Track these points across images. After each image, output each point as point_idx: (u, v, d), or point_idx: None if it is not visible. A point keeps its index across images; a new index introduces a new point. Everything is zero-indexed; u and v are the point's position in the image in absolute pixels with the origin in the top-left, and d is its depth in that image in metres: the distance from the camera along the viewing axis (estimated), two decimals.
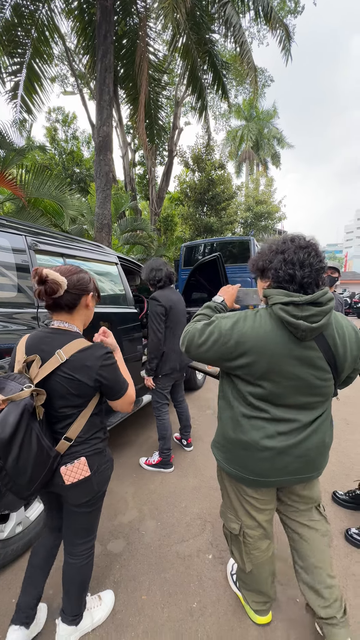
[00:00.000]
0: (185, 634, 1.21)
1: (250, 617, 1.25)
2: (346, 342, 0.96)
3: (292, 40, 5.88)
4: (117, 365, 1.05)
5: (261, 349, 0.93)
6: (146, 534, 1.73)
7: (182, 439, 2.71)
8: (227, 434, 1.08)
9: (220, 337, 0.98)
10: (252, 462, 1.03)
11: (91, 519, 1.14)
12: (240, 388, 1.03)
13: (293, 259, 0.92)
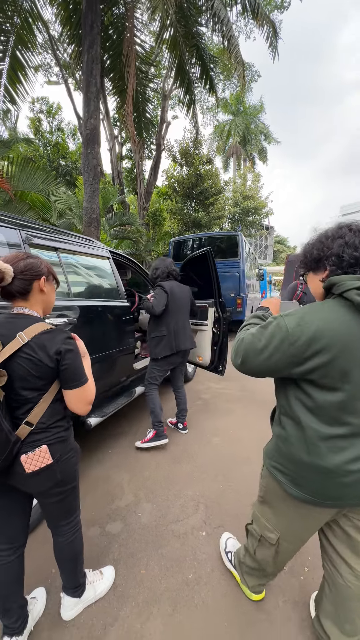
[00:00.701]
0: (182, 602, 1.31)
1: (246, 595, 1.32)
2: None
3: (278, 37, 5.94)
4: (78, 353, 1.04)
5: (338, 343, 0.80)
6: (142, 515, 1.81)
7: (177, 423, 2.88)
8: (297, 457, 0.91)
9: (287, 337, 0.84)
10: (331, 488, 0.87)
11: (66, 504, 1.14)
12: (314, 397, 0.86)
13: (355, 242, 0.86)
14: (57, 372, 1.00)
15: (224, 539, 1.56)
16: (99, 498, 1.96)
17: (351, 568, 0.96)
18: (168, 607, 1.29)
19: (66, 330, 1.05)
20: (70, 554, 1.20)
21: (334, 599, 1.02)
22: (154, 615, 1.26)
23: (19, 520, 1.11)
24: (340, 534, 0.97)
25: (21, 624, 1.12)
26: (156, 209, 11.87)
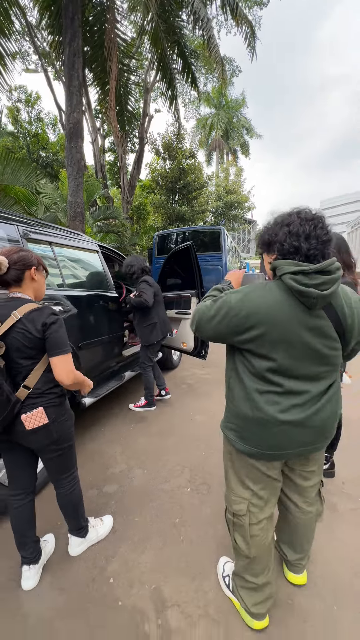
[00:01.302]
0: (170, 538, 1.58)
1: (247, 624, 1.17)
2: (354, 313, 0.98)
3: (256, 37, 6.15)
4: (61, 326, 1.21)
5: (272, 319, 0.93)
6: (135, 479, 2.07)
7: (160, 391, 3.34)
8: (241, 412, 1.06)
9: (231, 310, 0.97)
10: (269, 438, 1.01)
11: (64, 460, 1.34)
12: (253, 362, 1.01)
13: (298, 231, 0.92)
14: (43, 341, 1.18)
15: (221, 564, 1.41)
16: (95, 467, 2.19)
17: (298, 507, 1.21)
18: (159, 543, 1.55)
19: (46, 307, 1.23)
20: (71, 503, 1.43)
21: (287, 529, 1.29)
22: (147, 549, 1.52)
23: (27, 472, 1.34)
24: (290, 484, 1.20)
25: (36, 556, 1.36)
26: (140, 202, 11.92)
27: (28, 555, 1.34)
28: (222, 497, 1.76)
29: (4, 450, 1.28)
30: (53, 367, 1.21)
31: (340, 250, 1.79)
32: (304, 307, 0.92)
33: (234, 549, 1.19)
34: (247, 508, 1.11)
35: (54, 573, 1.40)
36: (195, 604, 1.26)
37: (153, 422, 2.90)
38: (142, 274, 2.98)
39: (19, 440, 1.23)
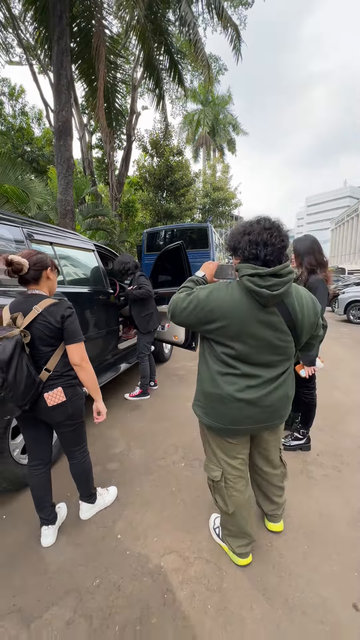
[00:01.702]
0: (168, 503, 1.81)
1: (233, 560, 1.41)
2: (304, 310, 1.14)
3: (242, 40, 6.34)
4: (76, 318, 1.42)
5: (231, 314, 1.09)
6: (134, 457, 2.29)
7: (150, 381, 3.57)
8: (205, 390, 1.25)
9: (199, 304, 1.14)
10: (227, 413, 1.19)
11: (77, 434, 1.56)
12: (216, 349, 1.18)
13: (257, 239, 1.06)
14: (61, 331, 1.38)
15: (212, 519, 1.64)
16: (97, 448, 2.39)
17: (264, 471, 1.45)
18: (158, 507, 1.78)
19: (63, 301, 1.42)
20: (83, 472, 1.64)
21: (258, 488, 1.54)
22: (148, 512, 1.75)
23: (45, 446, 1.55)
24: (256, 453, 1.43)
25: (53, 517, 1.58)
26: (129, 199, 11.99)
27: (46, 516, 1.54)
28: None
29: (28, 426, 1.48)
30: (69, 352, 1.42)
31: (314, 251, 2.04)
32: (259, 304, 1.07)
33: (217, 506, 1.40)
34: (222, 474, 1.32)
35: (69, 534, 1.61)
36: (191, 550, 1.49)
37: (148, 409, 3.12)
38: (135, 269, 3.23)
39: (41, 416, 1.43)
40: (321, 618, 1.18)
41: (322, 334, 1.31)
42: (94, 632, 1.15)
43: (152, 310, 3.26)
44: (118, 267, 3.24)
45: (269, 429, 1.28)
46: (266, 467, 1.45)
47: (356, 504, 1.78)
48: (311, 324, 1.17)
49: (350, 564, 1.41)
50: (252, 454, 1.44)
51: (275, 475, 1.47)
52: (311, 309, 1.16)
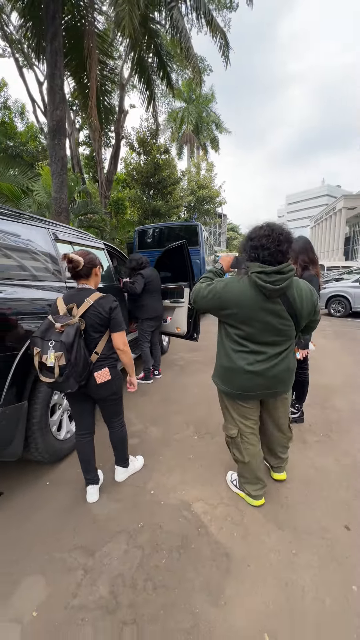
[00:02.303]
0: (189, 467, 2.12)
1: (249, 502, 1.73)
2: (303, 300, 1.39)
3: (229, 47, 6.64)
4: (120, 310, 1.66)
5: (242, 303, 1.36)
6: (152, 433, 2.58)
7: (154, 370, 3.88)
8: (222, 364, 1.55)
9: (216, 294, 1.43)
10: (239, 381, 1.49)
11: (117, 407, 1.85)
12: (229, 331, 1.48)
13: (257, 245, 1.31)
14: (109, 320, 1.63)
15: (229, 475, 1.97)
16: None
17: (274, 435, 1.75)
18: (180, 470, 2.09)
19: (108, 295, 1.66)
20: (120, 439, 1.93)
21: (267, 447, 1.84)
22: (173, 474, 2.05)
23: (90, 417, 1.82)
24: (268, 418, 1.70)
25: (97, 478, 1.86)
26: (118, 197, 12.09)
27: (92, 477, 1.82)
28: (222, 441, 2.34)
29: (77, 401, 1.74)
30: (114, 339, 1.68)
31: (307, 250, 2.39)
32: (264, 296, 1.33)
33: (234, 460, 1.74)
34: (238, 432, 1.63)
35: (109, 492, 1.89)
36: (214, 498, 1.82)
37: (155, 394, 3.41)
38: (142, 266, 3.55)
39: (90, 392, 1.69)
40: (322, 536, 1.54)
41: (319, 318, 1.61)
42: (147, 557, 1.44)
43: (143, 303, 3.56)
44: (134, 264, 3.57)
45: (275, 396, 1.57)
46: (277, 433, 1.74)
47: (343, 460, 2.16)
48: (309, 311, 1.44)
49: (340, 500, 1.78)
50: (264, 421, 1.72)
51: (282, 438, 1.77)
52: (309, 299, 1.42)
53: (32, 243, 2.15)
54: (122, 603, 1.24)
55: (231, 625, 1.16)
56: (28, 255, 2.09)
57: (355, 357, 4.84)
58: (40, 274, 2.14)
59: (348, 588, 1.28)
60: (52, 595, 1.28)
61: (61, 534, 1.58)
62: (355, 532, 1.56)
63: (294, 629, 1.14)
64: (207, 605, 1.23)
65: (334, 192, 71.00)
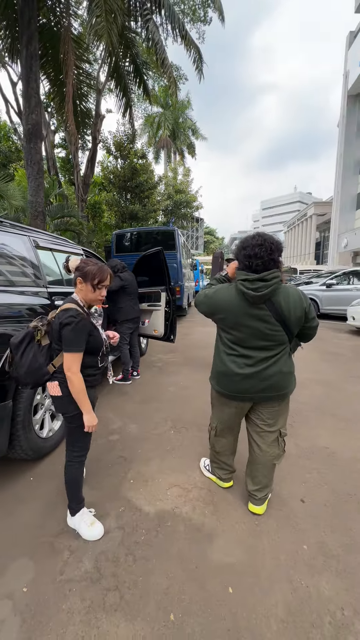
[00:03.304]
0: (166, 457, 2.30)
1: (219, 484, 1.93)
2: (290, 306, 1.39)
3: (203, 62, 6.95)
4: (75, 329, 1.38)
5: (228, 308, 1.47)
6: (131, 430, 2.73)
7: (133, 371, 4.02)
8: (217, 367, 1.64)
9: (209, 300, 1.56)
10: (230, 384, 1.56)
11: (70, 434, 1.60)
12: (222, 335, 1.59)
13: (250, 253, 1.37)
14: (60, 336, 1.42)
15: (202, 460, 2.17)
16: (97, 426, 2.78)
17: (259, 446, 1.66)
18: (158, 460, 2.26)
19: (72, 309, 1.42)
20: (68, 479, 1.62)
21: (250, 463, 1.74)
22: (151, 463, 2.22)
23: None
24: (255, 427, 1.66)
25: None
26: (95, 200, 12.07)
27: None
28: (199, 434, 2.58)
29: None
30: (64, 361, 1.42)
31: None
32: (249, 302, 1.40)
33: (210, 446, 1.94)
34: (217, 426, 1.80)
35: (88, 483, 2.02)
36: (188, 483, 2.01)
37: (135, 394, 3.56)
38: (122, 270, 3.74)
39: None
40: (280, 508, 1.77)
41: (315, 324, 1.54)
42: (127, 536, 1.60)
43: (122, 305, 3.70)
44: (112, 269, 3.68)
45: (268, 401, 1.55)
46: (260, 442, 1.65)
47: (302, 444, 2.43)
48: (298, 317, 1.41)
49: (298, 478, 2.03)
50: (250, 428, 1.72)
51: (266, 454, 1.65)
52: (298, 306, 1.40)
53: (13, 250, 2.25)
54: (105, 574, 1.39)
55: (200, 583, 1.35)
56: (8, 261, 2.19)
57: (322, 355, 5.24)
58: (17, 278, 2.24)
59: (299, 547, 1.52)
60: (41, 574, 1.40)
61: (47, 523, 1.70)
62: (309, 504, 1.81)
63: (253, 581, 1.35)
64: (180, 570, 1.41)
65: (305, 199, 74.21)
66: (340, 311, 8.63)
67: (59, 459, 2.26)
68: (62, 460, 2.05)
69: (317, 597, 1.28)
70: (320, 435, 2.58)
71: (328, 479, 2.04)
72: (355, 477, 2.05)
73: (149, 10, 6.24)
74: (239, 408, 1.65)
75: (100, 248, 11.16)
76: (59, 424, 2.47)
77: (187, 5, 10.55)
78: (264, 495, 1.72)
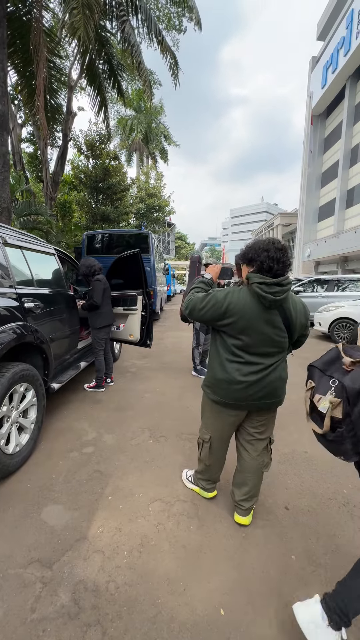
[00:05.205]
0: (145, 469, 2.18)
1: (202, 495, 1.87)
2: (297, 313, 1.43)
3: (179, 68, 7.00)
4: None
5: (242, 312, 1.37)
6: (107, 441, 2.57)
7: (107, 378, 3.84)
8: (216, 375, 1.52)
9: (216, 304, 1.42)
10: (232, 392, 1.47)
11: None
12: (227, 341, 1.47)
13: (274, 257, 1.33)
14: None
15: (184, 471, 2.08)
16: (69, 439, 2.59)
17: (248, 453, 1.63)
18: (138, 473, 2.14)
19: None
20: None
21: (238, 471, 1.70)
22: (130, 477, 2.08)
23: None
24: (245, 434, 1.63)
25: None
26: (65, 200, 11.62)
27: None
28: (179, 443, 2.49)
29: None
30: None
31: None
32: (264, 306, 1.36)
33: (199, 459, 1.83)
34: (210, 438, 1.69)
35: (64, 503, 1.85)
36: (171, 496, 1.91)
37: (109, 401, 3.39)
38: (99, 272, 3.55)
39: None
40: (266, 517, 1.74)
41: (308, 333, 1.60)
42: (107, 560, 1.47)
43: (103, 310, 3.53)
44: (85, 270, 3.47)
45: (265, 408, 1.53)
46: (250, 450, 1.64)
47: (282, 450, 2.44)
48: (302, 325, 1.47)
49: (279, 483, 2.02)
50: (240, 436, 1.68)
51: (255, 461, 1.64)
52: (302, 313, 1.46)
53: None
54: (84, 607, 1.25)
55: (191, 607, 1.26)
56: None
57: (295, 359, 5.39)
58: None
59: (288, 557, 1.49)
60: (8, 614, 1.23)
61: (14, 551, 1.51)
62: (293, 511, 1.80)
63: (245, 599, 1.29)
64: (167, 594, 1.31)
65: (271, 209, 77.74)
66: None
67: (26, 477, 2.06)
68: (31, 478, 1.88)
69: None
70: (298, 440, 2.62)
71: (309, 483, 2.05)
72: (334, 480, 2.09)
73: (125, 11, 6.17)
74: (235, 417, 1.58)
75: (70, 249, 10.72)
76: (26, 437, 2.25)
77: (163, 12, 10.63)
78: (250, 506, 1.67)
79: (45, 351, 2.52)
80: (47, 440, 2.54)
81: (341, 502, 1.88)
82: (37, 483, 2.00)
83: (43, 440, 2.53)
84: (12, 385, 2.02)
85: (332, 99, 22.24)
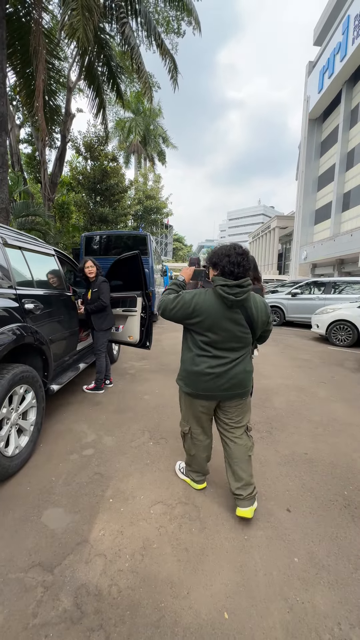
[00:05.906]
0: (146, 471, 2.17)
1: (193, 486, 1.97)
2: (258, 312, 1.60)
3: (178, 72, 7.03)
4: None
5: (207, 312, 1.53)
6: (107, 443, 2.56)
7: (105, 380, 3.81)
8: (187, 368, 1.69)
9: (184, 305, 1.58)
10: (201, 383, 1.63)
11: None
12: (195, 337, 1.64)
13: (234, 261, 1.48)
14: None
15: (177, 464, 2.19)
16: (69, 441, 2.57)
17: (231, 440, 1.74)
18: (138, 475, 2.12)
19: None
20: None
21: (228, 461, 1.77)
22: (131, 480, 2.07)
23: None
24: (224, 424, 1.75)
25: None
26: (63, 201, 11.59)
27: None
28: (179, 444, 2.47)
29: None
30: None
31: (255, 268, 2.68)
32: (227, 306, 1.52)
33: (184, 450, 1.95)
34: (189, 429, 1.83)
35: (64, 505, 1.83)
36: (172, 498, 1.90)
37: (109, 403, 3.38)
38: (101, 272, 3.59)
39: None
40: (267, 519, 1.73)
41: (271, 328, 1.79)
42: (110, 563, 1.45)
43: (108, 312, 3.56)
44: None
45: (234, 398, 1.67)
46: (231, 437, 1.74)
47: (282, 452, 2.44)
48: (263, 322, 1.64)
49: (280, 485, 2.02)
50: (220, 426, 1.78)
51: (239, 446, 1.73)
52: (263, 311, 1.64)
53: None
54: (87, 612, 1.24)
55: (195, 611, 1.25)
56: None
57: (291, 361, 5.43)
58: None
59: (291, 560, 1.48)
60: (9, 619, 1.21)
61: (14, 555, 1.50)
62: (295, 513, 1.80)
63: (249, 603, 1.28)
64: (171, 597, 1.30)
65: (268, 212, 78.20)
66: (304, 319, 9.09)
67: (26, 480, 2.04)
68: (30, 481, 1.86)
69: (313, 613, 1.24)
70: (299, 442, 2.62)
71: (310, 485, 2.05)
72: (335, 482, 2.09)
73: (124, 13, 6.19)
74: (206, 407, 1.73)
75: (68, 250, 10.70)
76: (26, 439, 2.24)
77: (162, 16, 10.69)
78: (249, 494, 1.69)
79: (45, 352, 2.50)
80: (46, 442, 2.52)
81: (342, 504, 1.88)
82: (37, 486, 1.98)
83: (42, 442, 2.51)
84: (11, 387, 2.01)
85: (329, 103, 22.49)
